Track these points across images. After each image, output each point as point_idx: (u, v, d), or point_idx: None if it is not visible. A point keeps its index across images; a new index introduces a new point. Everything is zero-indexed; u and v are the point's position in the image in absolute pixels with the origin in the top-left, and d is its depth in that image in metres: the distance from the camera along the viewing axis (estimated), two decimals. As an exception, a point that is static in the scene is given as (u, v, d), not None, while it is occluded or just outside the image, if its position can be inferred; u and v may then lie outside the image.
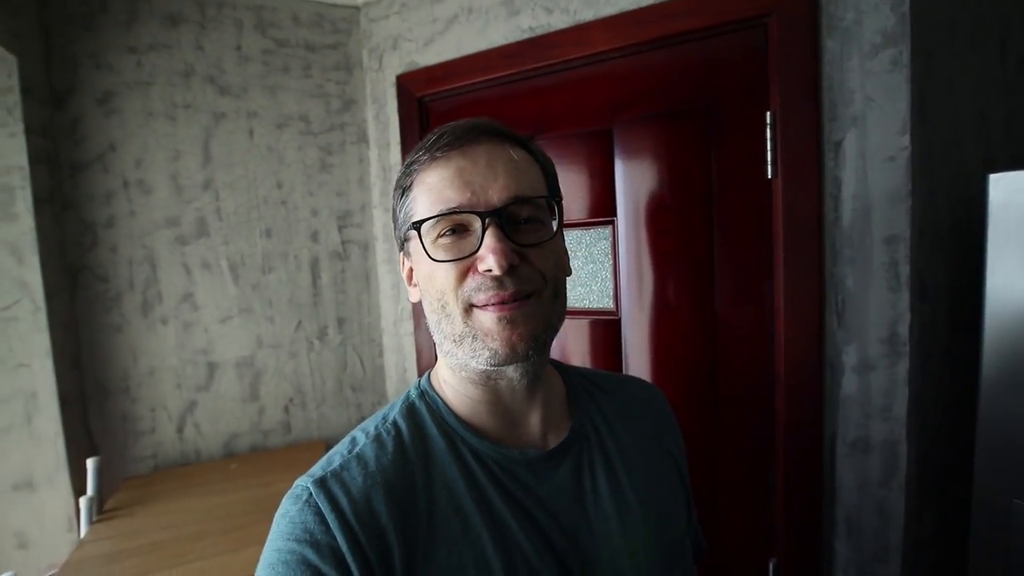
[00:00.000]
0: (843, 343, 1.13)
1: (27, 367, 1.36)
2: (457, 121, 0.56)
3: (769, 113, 1.16)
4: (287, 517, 0.50)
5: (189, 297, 1.60)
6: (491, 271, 0.50)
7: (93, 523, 1.28)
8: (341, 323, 1.79)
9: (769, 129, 1.16)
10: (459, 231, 0.52)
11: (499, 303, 0.51)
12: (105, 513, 1.32)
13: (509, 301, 0.51)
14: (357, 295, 1.81)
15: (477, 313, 0.52)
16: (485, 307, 0.52)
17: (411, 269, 0.59)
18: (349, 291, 1.80)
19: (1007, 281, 0.96)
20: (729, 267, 1.25)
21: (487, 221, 0.51)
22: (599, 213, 1.40)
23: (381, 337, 1.85)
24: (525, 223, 0.53)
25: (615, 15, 1.30)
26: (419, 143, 0.56)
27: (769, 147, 1.17)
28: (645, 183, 1.33)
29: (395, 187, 0.58)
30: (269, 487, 1.39)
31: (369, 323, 1.83)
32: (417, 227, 0.53)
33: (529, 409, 0.58)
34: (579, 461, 0.59)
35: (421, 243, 0.53)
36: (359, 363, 1.82)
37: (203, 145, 1.60)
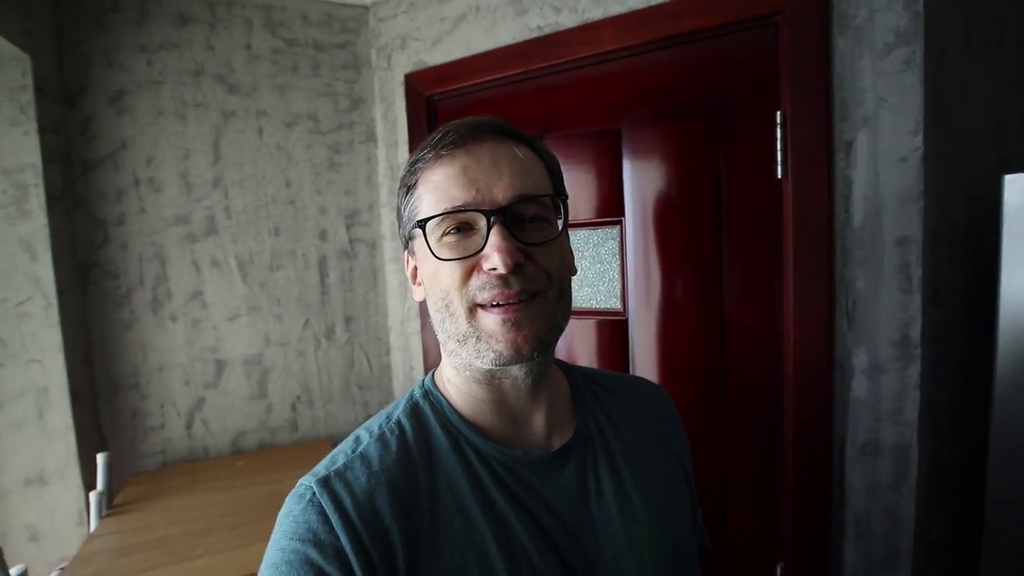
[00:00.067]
0: (853, 345, 1.12)
1: (39, 362, 1.37)
2: (462, 119, 0.56)
3: (779, 113, 1.15)
4: (291, 516, 0.50)
5: (198, 294, 1.61)
6: (496, 270, 0.50)
7: (103, 517, 1.29)
8: (348, 321, 1.79)
9: (779, 129, 1.15)
10: (464, 229, 0.52)
11: (504, 303, 0.51)
12: (114, 508, 1.33)
13: (514, 300, 0.51)
14: (364, 294, 1.82)
15: (481, 314, 0.52)
16: (489, 308, 0.51)
17: (415, 268, 0.59)
18: (356, 289, 1.80)
19: (1022, 283, 0.94)
20: (738, 268, 1.24)
21: (492, 219, 0.50)
22: (607, 213, 1.39)
23: (388, 336, 1.85)
24: (530, 222, 0.53)
25: (624, 14, 1.29)
26: (424, 141, 0.56)
27: (779, 147, 1.16)
28: (653, 183, 1.32)
29: (399, 185, 0.58)
30: (276, 484, 1.40)
31: (376, 321, 1.84)
32: (422, 225, 0.53)
33: (533, 409, 0.58)
34: (583, 462, 0.58)
35: (426, 241, 0.53)
36: (366, 361, 1.83)
37: (213, 143, 1.61)
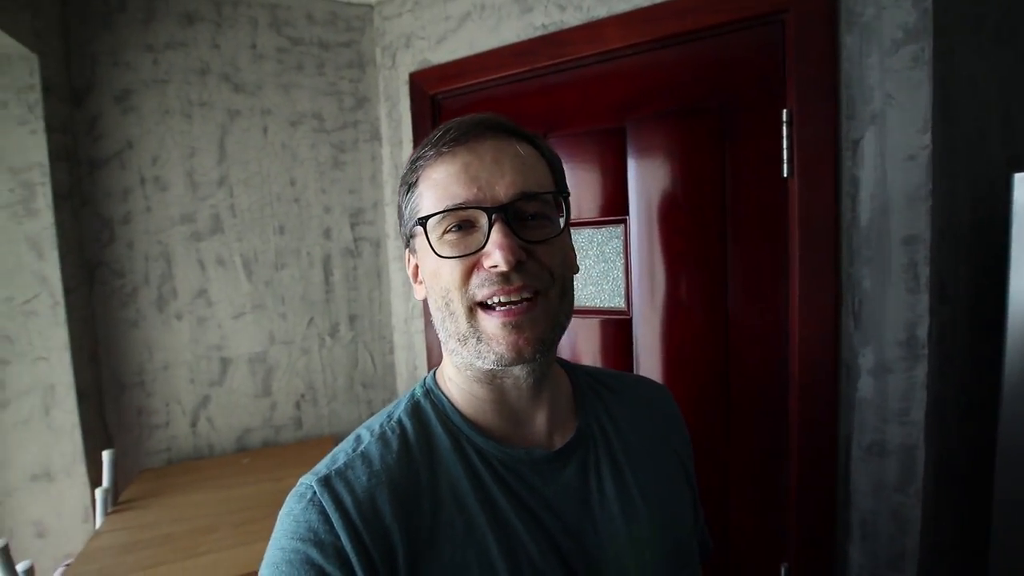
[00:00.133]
0: (860, 345, 1.11)
1: (46, 360, 1.38)
2: (463, 117, 0.55)
3: (785, 111, 1.14)
4: (291, 516, 0.49)
5: (203, 293, 1.62)
6: (497, 267, 0.49)
7: (108, 514, 1.30)
8: (352, 320, 1.80)
9: (785, 127, 1.14)
10: (465, 227, 0.52)
11: (506, 301, 0.50)
12: (120, 505, 1.34)
13: (515, 298, 0.50)
14: (369, 292, 1.82)
15: (482, 316, 0.51)
16: (489, 311, 0.51)
17: (416, 266, 0.59)
18: (361, 288, 1.81)
19: (1031, 283, 0.94)
20: (743, 267, 1.24)
21: (493, 217, 0.50)
22: (611, 212, 1.38)
23: (392, 334, 1.86)
24: (532, 219, 0.52)
25: (629, 11, 1.29)
26: (425, 139, 0.56)
27: (785, 145, 1.15)
28: (658, 182, 1.31)
29: (400, 183, 0.58)
30: (280, 482, 1.41)
31: (380, 320, 1.84)
32: (423, 223, 0.52)
33: (535, 408, 0.58)
34: (585, 461, 0.58)
35: (427, 239, 0.52)
36: (370, 360, 1.83)
37: (218, 142, 1.61)
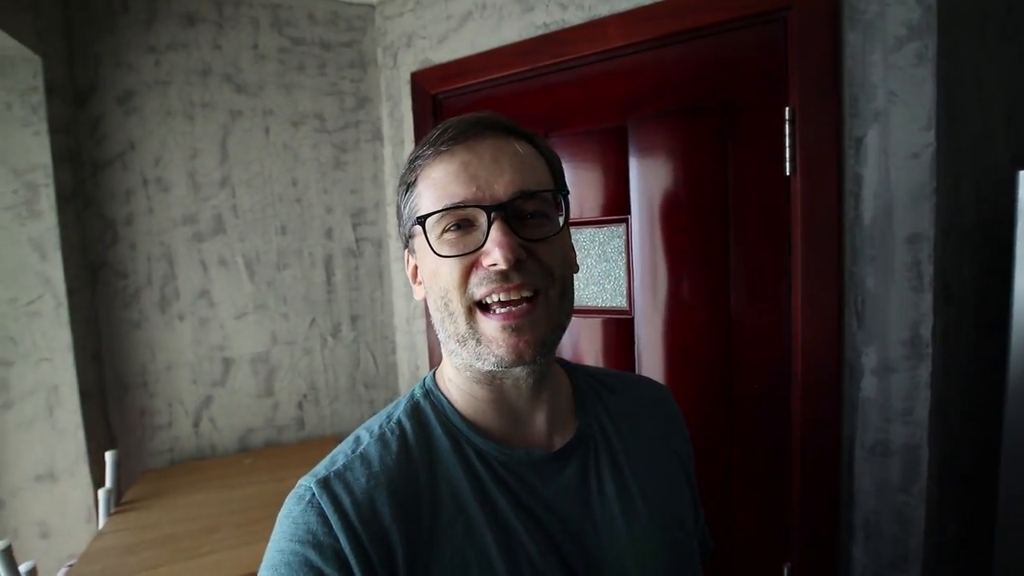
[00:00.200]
0: (863, 344, 1.10)
1: (49, 361, 1.39)
2: (461, 115, 0.55)
3: (788, 109, 1.14)
4: (290, 517, 0.49)
5: (205, 293, 1.62)
6: (496, 265, 0.49)
7: (111, 515, 1.30)
8: (354, 320, 1.80)
9: (788, 125, 1.14)
10: (464, 226, 0.51)
11: (506, 301, 0.50)
12: (123, 505, 1.34)
13: (515, 297, 0.50)
14: (371, 292, 1.82)
15: (481, 318, 0.51)
16: (489, 313, 0.51)
17: (415, 266, 0.59)
18: (363, 288, 1.81)
19: (1036, 282, 0.93)
20: (745, 266, 1.23)
21: (493, 215, 0.50)
22: (613, 211, 1.38)
23: (394, 334, 1.86)
24: (531, 218, 0.52)
25: (631, 10, 1.28)
26: (423, 138, 0.55)
27: (787, 144, 1.14)
28: (660, 180, 1.31)
29: (399, 183, 0.58)
30: (282, 482, 1.41)
31: (382, 320, 1.84)
32: (422, 222, 0.52)
33: (535, 409, 0.57)
34: (585, 462, 0.58)
35: (426, 238, 0.52)
36: (372, 360, 1.83)
37: (220, 143, 1.62)
